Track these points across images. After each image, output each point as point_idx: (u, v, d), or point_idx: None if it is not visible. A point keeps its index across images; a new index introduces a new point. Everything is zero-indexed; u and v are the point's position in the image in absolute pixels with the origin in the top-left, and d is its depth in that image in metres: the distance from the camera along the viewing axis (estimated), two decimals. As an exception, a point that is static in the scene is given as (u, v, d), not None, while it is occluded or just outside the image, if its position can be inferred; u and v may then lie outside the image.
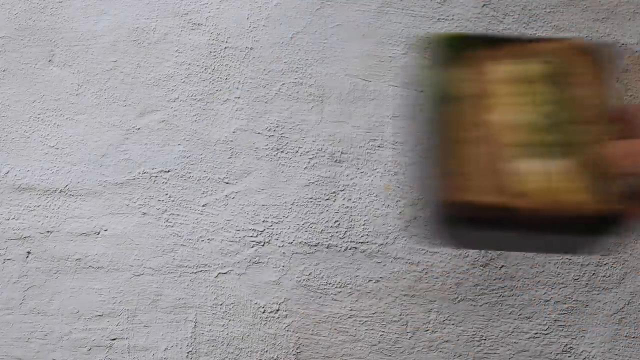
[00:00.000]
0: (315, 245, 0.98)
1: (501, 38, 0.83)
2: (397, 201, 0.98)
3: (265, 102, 1.01)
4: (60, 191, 0.98)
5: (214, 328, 0.95)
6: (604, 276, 0.98)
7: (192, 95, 1.01)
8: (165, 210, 0.98)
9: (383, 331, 0.96)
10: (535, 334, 0.96)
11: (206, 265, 0.97)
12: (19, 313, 0.95)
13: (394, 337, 0.96)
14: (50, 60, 1.01)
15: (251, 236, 0.99)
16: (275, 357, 0.95)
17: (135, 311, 0.95)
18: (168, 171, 0.99)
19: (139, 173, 0.99)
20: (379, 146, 1.00)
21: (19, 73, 1.01)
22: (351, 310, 0.96)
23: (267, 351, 0.95)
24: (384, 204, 0.99)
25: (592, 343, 0.96)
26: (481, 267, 0.98)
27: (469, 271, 0.98)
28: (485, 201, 0.71)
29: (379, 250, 0.98)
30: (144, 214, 0.98)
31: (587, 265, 0.98)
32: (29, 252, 0.96)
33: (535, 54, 0.80)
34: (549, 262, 0.98)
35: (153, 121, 1.00)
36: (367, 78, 1.02)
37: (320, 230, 0.99)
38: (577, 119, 0.76)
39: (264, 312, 0.96)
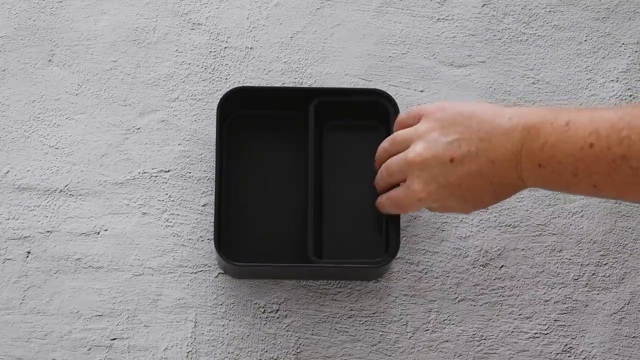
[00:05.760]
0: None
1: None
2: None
3: (265, 102, 1.01)
4: (60, 191, 0.98)
5: (214, 328, 0.95)
6: (604, 276, 0.98)
7: (192, 95, 1.01)
8: (165, 210, 0.98)
9: (383, 331, 0.96)
10: (535, 334, 0.96)
11: (206, 265, 0.97)
12: (18, 313, 0.95)
13: (394, 337, 0.96)
14: (50, 60, 1.01)
15: (251, 236, 0.98)
16: (275, 357, 0.95)
17: (135, 311, 0.95)
18: (168, 171, 0.99)
19: (139, 173, 0.99)
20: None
21: (19, 73, 1.01)
22: (351, 310, 0.96)
23: (267, 351, 0.95)
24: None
25: (592, 343, 0.96)
26: (481, 267, 0.98)
27: (469, 271, 0.98)
28: None
29: (379, 250, 0.98)
30: (144, 214, 0.98)
31: (587, 265, 0.98)
32: (29, 252, 0.96)
33: None
34: (549, 262, 0.98)
35: (153, 121, 1.00)
36: (367, 78, 1.02)
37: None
38: None
39: (264, 312, 0.96)
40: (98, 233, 0.97)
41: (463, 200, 0.82)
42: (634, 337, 0.97)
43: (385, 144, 0.89)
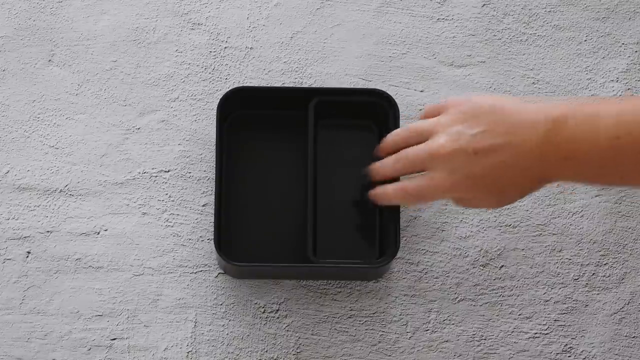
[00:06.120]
0: (315, 245, 0.97)
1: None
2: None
3: (265, 102, 1.01)
4: (60, 191, 0.98)
5: (214, 328, 0.95)
6: (604, 276, 0.98)
7: (192, 95, 1.01)
8: (165, 210, 0.98)
9: (383, 331, 0.96)
10: (535, 334, 0.96)
11: (206, 265, 0.97)
12: (18, 313, 0.95)
13: (394, 337, 0.96)
14: (50, 60, 1.01)
15: (251, 236, 0.98)
16: (275, 357, 0.95)
17: (135, 311, 0.95)
18: (168, 171, 0.99)
19: (139, 173, 0.99)
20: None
21: (19, 73, 1.01)
22: (351, 310, 0.96)
23: (267, 351, 0.95)
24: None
25: (592, 343, 0.96)
26: (481, 267, 0.98)
27: (469, 271, 0.98)
28: None
29: (379, 250, 0.98)
30: (144, 214, 0.98)
31: (587, 265, 0.98)
32: (29, 252, 0.96)
33: None
34: (549, 262, 0.98)
35: (153, 121, 1.00)
36: (367, 78, 1.02)
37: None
38: None
39: (264, 312, 0.96)
40: (98, 233, 0.97)
41: (487, 191, 0.81)
42: (634, 337, 0.97)
43: (402, 133, 0.87)
